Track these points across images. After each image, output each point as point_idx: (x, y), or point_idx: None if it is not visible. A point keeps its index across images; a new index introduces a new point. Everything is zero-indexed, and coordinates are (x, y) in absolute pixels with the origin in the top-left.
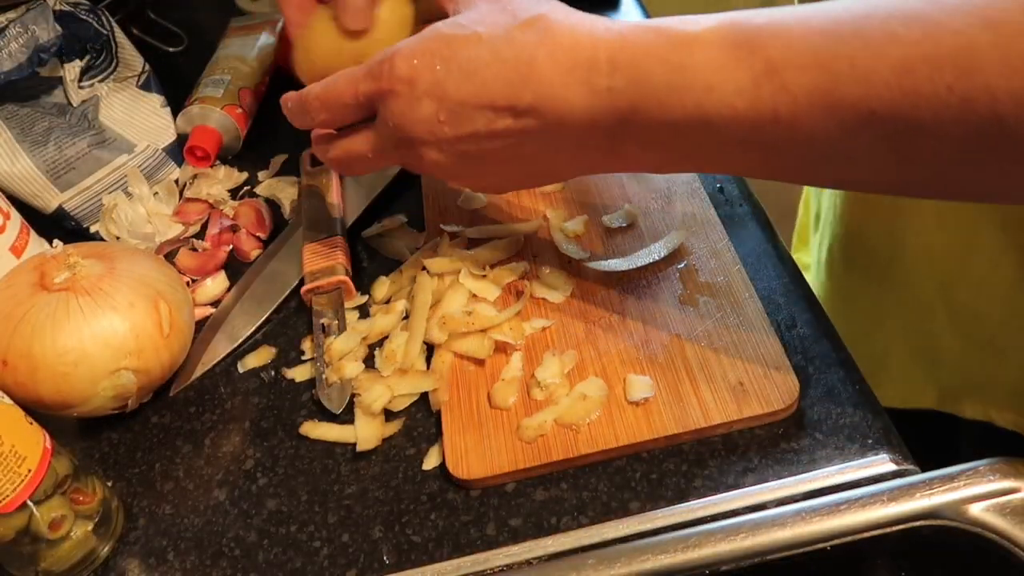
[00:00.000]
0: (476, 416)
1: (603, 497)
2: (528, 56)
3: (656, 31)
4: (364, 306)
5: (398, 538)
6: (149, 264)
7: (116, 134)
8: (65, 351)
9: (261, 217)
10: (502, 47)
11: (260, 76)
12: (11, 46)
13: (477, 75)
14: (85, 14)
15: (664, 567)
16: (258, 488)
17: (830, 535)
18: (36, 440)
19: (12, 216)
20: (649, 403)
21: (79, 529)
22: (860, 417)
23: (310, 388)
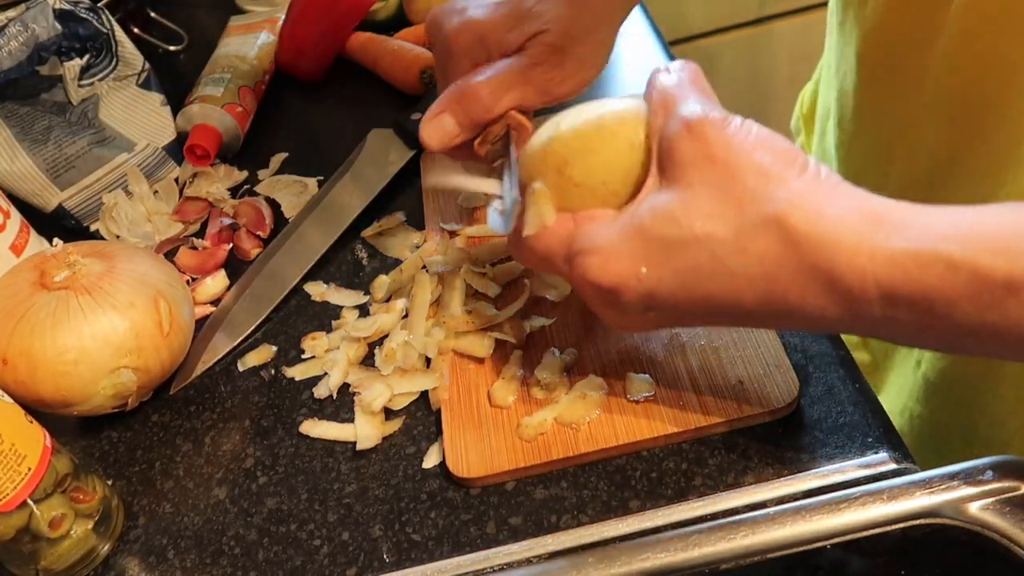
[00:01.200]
0: (476, 415)
1: (603, 496)
2: (765, 272)
3: (953, 266)
4: (364, 305)
5: (398, 536)
6: (149, 263)
7: (116, 133)
8: (65, 350)
9: (261, 216)
10: (729, 258)
11: (260, 75)
12: (11, 44)
13: (696, 288)
14: (85, 12)
15: (664, 565)
16: (258, 487)
17: (830, 534)
18: (36, 439)
19: (12, 215)
20: (649, 402)
21: (79, 527)
22: (860, 416)
23: (310, 387)
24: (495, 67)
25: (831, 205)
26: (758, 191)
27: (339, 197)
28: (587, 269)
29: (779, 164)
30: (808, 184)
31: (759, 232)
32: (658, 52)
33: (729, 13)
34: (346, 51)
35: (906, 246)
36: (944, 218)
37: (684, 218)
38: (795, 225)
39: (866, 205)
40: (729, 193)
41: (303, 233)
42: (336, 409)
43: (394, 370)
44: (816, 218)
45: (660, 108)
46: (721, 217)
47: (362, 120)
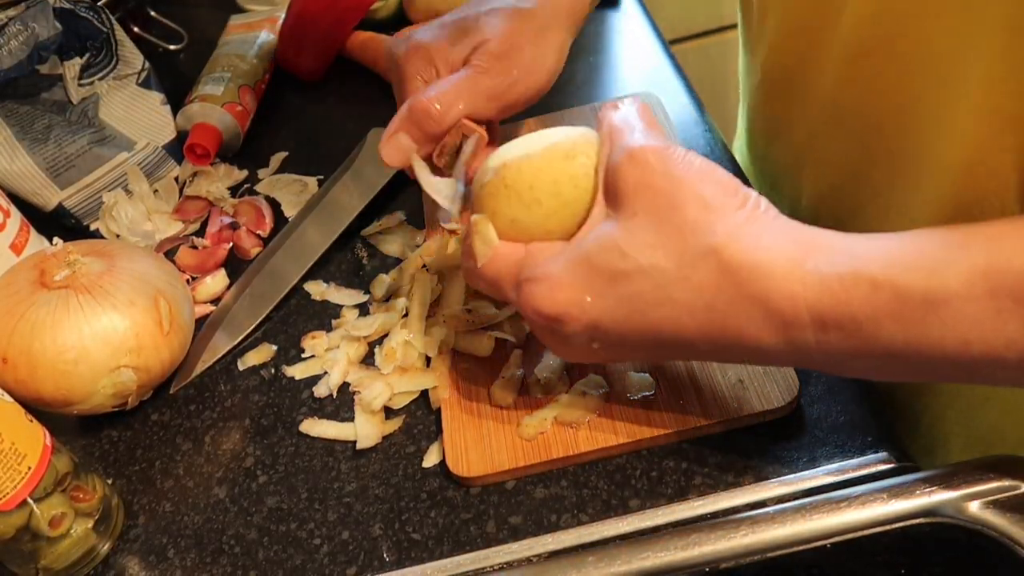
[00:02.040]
0: (476, 414)
1: (603, 495)
2: (705, 301)
3: (875, 285)
4: (364, 304)
5: (398, 535)
6: (149, 262)
7: (116, 132)
8: (65, 349)
9: (261, 215)
10: (671, 287)
11: (260, 74)
12: (11, 43)
13: (639, 317)
14: (85, 11)
15: (664, 564)
16: (258, 486)
17: (830, 532)
18: (36, 438)
19: (12, 214)
20: (649, 401)
21: (79, 527)
22: (860, 415)
23: (310, 386)
24: (442, 81)
25: (766, 236)
26: (699, 223)
27: (339, 196)
28: (533, 297)
29: (720, 197)
30: (747, 216)
31: (699, 262)
32: (658, 52)
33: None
34: (346, 50)
35: (833, 270)
36: (867, 243)
37: (629, 248)
38: (732, 255)
39: (798, 235)
40: (671, 224)
41: (303, 232)
42: (336, 408)
43: (394, 369)
44: (752, 249)
45: (607, 140)
46: (663, 248)
47: (362, 119)
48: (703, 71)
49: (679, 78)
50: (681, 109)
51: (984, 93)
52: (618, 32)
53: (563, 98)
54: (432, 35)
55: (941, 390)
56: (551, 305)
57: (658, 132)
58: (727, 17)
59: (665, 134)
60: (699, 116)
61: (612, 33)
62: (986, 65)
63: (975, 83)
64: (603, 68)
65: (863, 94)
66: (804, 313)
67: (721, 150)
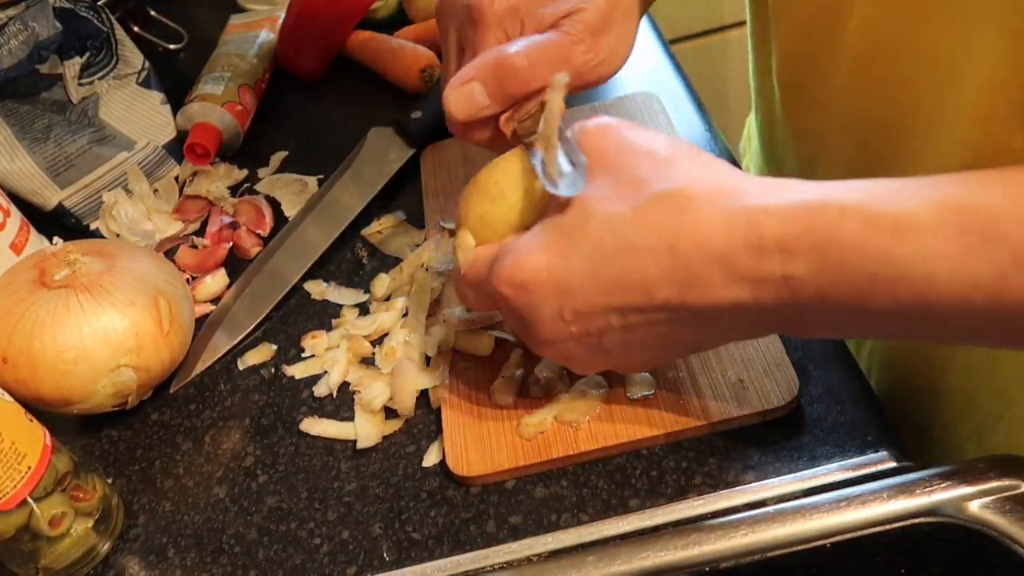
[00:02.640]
0: (476, 414)
1: (603, 494)
2: (666, 243)
3: (842, 211)
4: (364, 304)
5: (398, 535)
6: (149, 261)
7: (116, 131)
8: (65, 348)
9: (261, 214)
10: (628, 231)
11: (260, 73)
12: (11, 43)
13: (603, 271)
14: (85, 11)
15: (664, 564)
16: (258, 485)
17: (830, 532)
18: (36, 437)
19: (12, 213)
20: (649, 400)
21: (79, 526)
22: (860, 414)
23: (310, 385)
24: (532, 40)
25: (724, 177)
26: (652, 172)
27: (339, 196)
28: (502, 271)
29: (670, 150)
30: (702, 164)
31: (656, 204)
32: (658, 52)
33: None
34: (346, 50)
35: (800, 198)
36: (837, 183)
37: (586, 205)
38: (692, 195)
39: (760, 178)
40: (625, 177)
41: (303, 232)
42: (336, 408)
43: (394, 369)
44: (712, 187)
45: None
46: (618, 198)
47: (362, 118)
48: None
49: (679, 78)
50: (681, 109)
51: (985, 98)
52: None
53: None
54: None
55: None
56: (518, 272)
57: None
58: (727, 17)
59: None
60: (699, 116)
61: None
62: (986, 69)
63: (976, 88)
64: None
65: (870, 97)
66: (770, 241)
67: (721, 150)
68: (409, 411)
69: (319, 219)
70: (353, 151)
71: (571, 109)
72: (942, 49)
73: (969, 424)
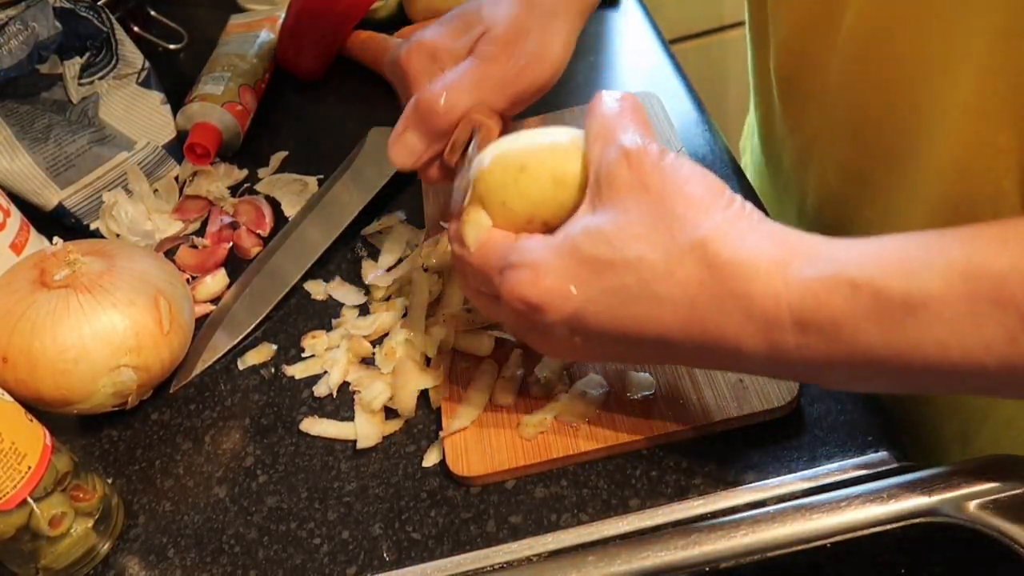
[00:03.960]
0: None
1: (603, 494)
2: (689, 298)
3: (855, 287)
4: (364, 304)
5: (398, 535)
6: (149, 261)
7: (116, 131)
8: (65, 348)
9: (261, 214)
10: (655, 282)
11: (260, 73)
12: (11, 43)
13: (622, 310)
14: (85, 11)
15: (664, 564)
16: (258, 485)
17: (830, 532)
18: (36, 437)
19: (12, 213)
20: (649, 400)
21: (79, 526)
22: (860, 414)
23: (310, 385)
24: (448, 74)
25: (751, 235)
26: (687, 218)
27: (339, 196)
28: (517, 283)
29: (708, 196)
30: (733, 215)
31: (685, 257)
32: (658, 52)
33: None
34: (346, 49)
35: (814, 273)
36: (849, 247)
37: (616, 240)
38: (717, 251)
39: (783, 237)
40: (660, 219)
41: (303, 232)
42: (336, 408)
43: (394, 369)
44: (737, 246)
45: (600, 135)
46: (651, 241)
47: (362, 118)
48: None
49: (679, 78)
50: (681, 109)
51: (975, 95)
52: (618, 32)
53: (563, 98)
54: (434, 32)
55: (939, 403)
56: (534, 292)
57: (649, 132)
58: (727, 17)
59: (654, 133)
60: (699, 116)
61: (612, 33)
62: (977, 67)
63: (967, 85)
64: (603, 68)
65: (864, 94)
66: (785, 314)
67: (721, 150)
68: (409, 411)
69: (319, 219)
70: (353, 151)
71: (572, 109)
72: (935, 46)
73: (955, 424)
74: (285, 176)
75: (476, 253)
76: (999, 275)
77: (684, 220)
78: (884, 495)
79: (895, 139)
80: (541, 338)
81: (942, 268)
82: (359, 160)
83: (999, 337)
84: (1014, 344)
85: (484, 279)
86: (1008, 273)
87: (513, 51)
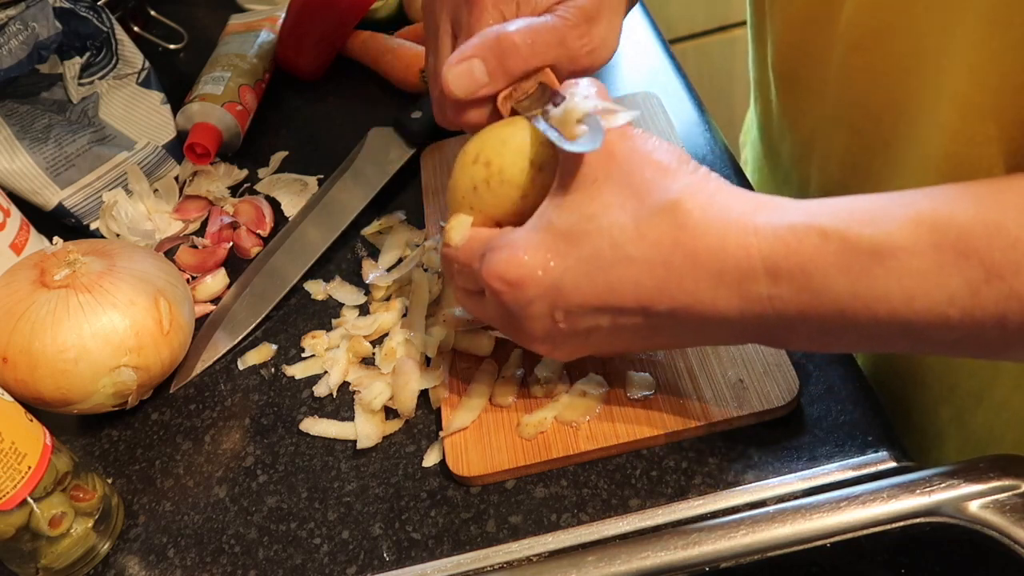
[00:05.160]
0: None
1: (603, 494)
2: (662, 257)
3: (824, 235)
4: (364, 304)
5: (398, 535)
6: (149, 261)
7: (116, 131)
8: (65, 348)
9: (261, 214)
10: (628, 244)
11: (260, 73)
12: (11, 43)
13: (599, 276)
14: (85, 11)
15: (664, 564)
16: (258, 485)
17: (830, 532)
18: (36, 437)
19: (12, 213)
20: (649, 400)
21: (79, 526)
22: (860, 414)
23: (310, 385)
24: (530, 21)
25: (720, 194)
26: (655, 182)
27: (339, 195)
28: (495, 263)
29: (674, 162)
30: (700, 178)
31: (656, 218)
32: (658, 52)
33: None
34: (346, 49)
35: (784, 221)
36: (821, 202)
37: (588, 209)
38: (689, 210)
39: (751, 196)
40: (628, 186)
41: (303, 232)
42: (336, 408)
43: (394, 369)
44: (706, 204)
45: None
46: (622, 207)
47: (362, 118)
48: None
49: (679, 78)
50: (681, 109)
51: (966, 85)
52: None
53: None
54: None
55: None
56: (513, 268)
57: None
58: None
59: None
60: (699, 116)
61: None
62: (967, 57)
63: (957, 75)
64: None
65: (862, 86)
66: (757, 263)
67: (721, 149)
68: (409, 411)
69: (319, 219)
70: (353, 151)
71: None
72: (930, 38)
73: (950, 407)
74: (285, 176)
75: (462, 249)
76: (964, 226)
77: (653, 184)
78: (884, 495)
79: (893, 131)
80: (521, 322)
81: (910, 219)
82: (359, 160)
83: (962, 288)
84: (976, 296)
85: (469, 273)
86: (973, 225)
87: (590, 29)
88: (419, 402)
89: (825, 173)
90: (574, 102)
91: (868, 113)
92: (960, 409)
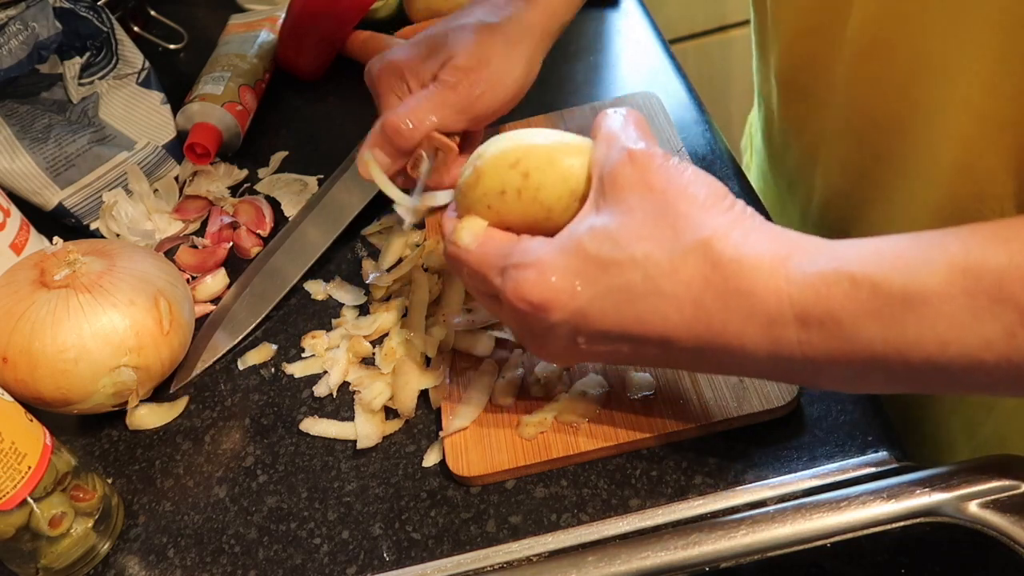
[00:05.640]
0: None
1: (603, 494)
2: (693, 295)
3: (855, 282)
4: (364, 304)
5: (398, 535)
6: (149, 261)
7: (116, 131)
8: (65, 348)
9: (261, 214)
10: (661, 278)
11: (260, 73)
12: (11, 43)
13: (627, 307)
14: (85, 11)
15: (664, 564)
16: (258, 485)
17: (830, 532)
18: (36, 437)
19: (12, 213)
20: (649, 400)
21: (79, 526)
22: (860, 414)
23: (310, 385)
24: (413, 97)
25: (753, 234)
26: (691, 218)
27: (339, 195)
28: (522, 282)
29: (711, 198)
30: (735, 216)
31: (689, 255)
32: (658, 52)
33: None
34: (346, 50)
35: (815, 268)
36: (850, 245)
37: (622, 238)
38: (721, 250)
39: (784, 237)
40: (664, 218)
41: (303, 232)
42: (336, 408)
43: (394, 369)
44: (740, 244)
45: (604, 141)
46: (656, 240)
47: (362, 118)
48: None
49: (679, 78)
50: (681, 109)
51: (979, 95)
52: (618, 32)
53: (563, 98)
54: (404, 53)
55: (944, 397)
56: (539, 291)
57: (652, 140)
58: (728, 16)
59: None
60: (699, 116)
61: (612, 33)
62: (981, 67)
63: (970, 85)
64: (603, 68)
65: (870, 94)
66: (787, 309)
67: (721, 150)
68: (409, 411)
69: (319, 219)
70: (353, 151)
71: (571, 109)
72: (939, 46)
73: (960, 418)
74: (285, 176)
75: (476, 252)
76: (998, 271)
77: (688, 219)
78: (884, 495)
79: (900, 139)
80: (542, 340)
81: (941, 264)
82: None
83: (998, 333)
84: (1012, 340)
85: (481, 279)
86: (1007, 269)
87: (473, 78)
88: (419, 402)
89: (829, 182)
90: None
91: (874, 122)
92: (970, 419)
